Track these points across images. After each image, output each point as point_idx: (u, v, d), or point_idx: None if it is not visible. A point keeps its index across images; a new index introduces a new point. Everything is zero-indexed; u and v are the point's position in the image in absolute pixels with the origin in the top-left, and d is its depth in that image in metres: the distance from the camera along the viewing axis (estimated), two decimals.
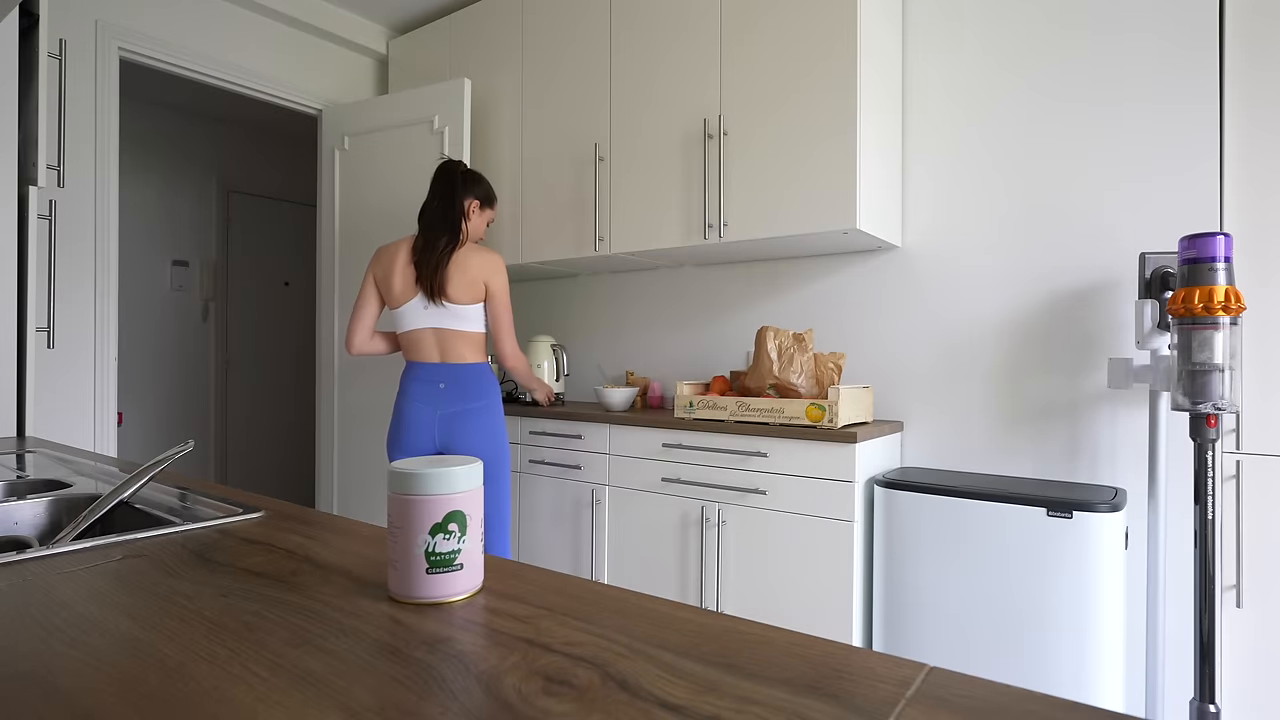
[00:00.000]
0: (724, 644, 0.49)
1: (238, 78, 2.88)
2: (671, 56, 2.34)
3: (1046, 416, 2.02)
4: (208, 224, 4.37)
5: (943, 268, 2.19)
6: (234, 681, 0.44)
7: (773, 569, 1.98)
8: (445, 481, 0.58)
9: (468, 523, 0.59)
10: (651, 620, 0.54)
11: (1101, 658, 1.63)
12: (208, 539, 0.77)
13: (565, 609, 0.56)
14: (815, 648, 0.49)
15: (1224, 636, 1.76)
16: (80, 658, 0.47)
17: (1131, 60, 1.90)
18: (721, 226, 2.21)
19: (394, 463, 0.61)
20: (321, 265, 3.06)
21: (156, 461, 0.94)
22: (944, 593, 1.81)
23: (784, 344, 2.06)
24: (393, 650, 0.48)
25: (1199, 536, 1.51)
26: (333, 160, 3.01)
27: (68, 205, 2.43)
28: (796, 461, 1.95)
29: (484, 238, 2.55)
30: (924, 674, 0.44)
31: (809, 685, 0.43)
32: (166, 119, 4.18)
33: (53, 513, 1.02)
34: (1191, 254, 1.47)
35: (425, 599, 0.58)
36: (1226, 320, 1.44)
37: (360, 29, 3.24)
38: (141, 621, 0.53)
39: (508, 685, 0.43)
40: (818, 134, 2.03)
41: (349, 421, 2.94)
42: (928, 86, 2.22)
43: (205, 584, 0.62)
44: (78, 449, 1.51)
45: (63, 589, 0.60)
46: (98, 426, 2.50)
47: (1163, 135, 1.86)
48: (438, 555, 0.58)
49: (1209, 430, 1.50)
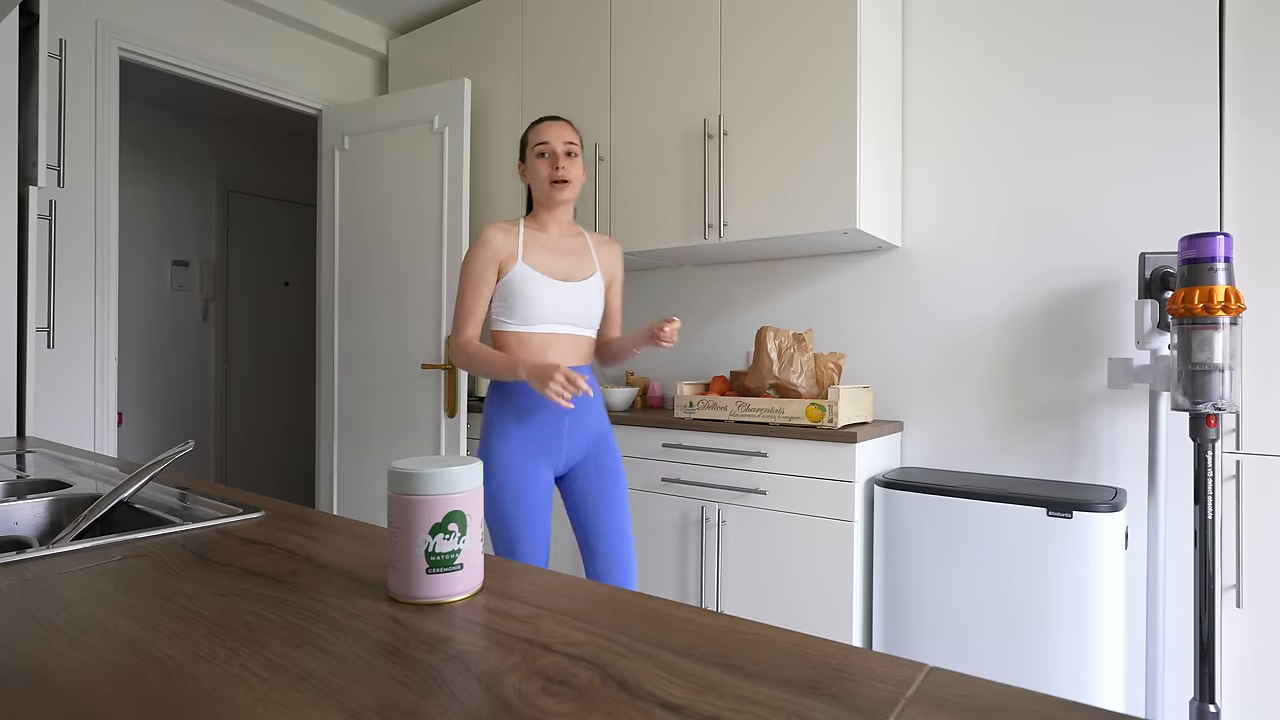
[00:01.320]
0: (724, 644, 0.49)
1: (238, 78, 2.88)
2: (672, 56, 2.34)
3: (1046, 416, 2.02)
4: (208, 224, 4.37)
5: (943, 267, 2.19)
6: (234, 681, 0.44)
7: (773, 569, 1.98)
8: (445, 481, 0.58)
9: (468, 523, 0.59)
10: (651, 620, 0.54)
11: (1101, 658, 1.63)
12: (208, 539, 0.77)
13: (565, 609, 0.56)
14: (815, 648, 0.49)
15: (1224, 636, 1.76)
16: (80, 657, 0.47)
17: (1131, 60, 1.90)
18: (721, 226, 2.21)
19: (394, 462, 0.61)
20: (321, 265, 3.06)
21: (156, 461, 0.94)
22: (944, 593, 1.81)
23: (784, 344, 2.06)
24: (393, 650, 0.48)
25: (1199, 536, 1.51)
26: (333, 160, 3.01)
27: (68, 205, 2.43)
28: (796, 461, 1.95)
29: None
30: (924, 674, 0.44)
31: (809, 685, 0.43)
32: (166, 119, 4.18)
33: (53, 513, 1.01)
34: (1191, 254, 1.47)
35: (425, 599, 0.58)
36: (1226, 320, 1.44)
37: (360, 29, 3.24)
38: (141, 621, 0.53)
39: (508, 685, 0.43)
40: (818, 134, 2.03)
41: (349, 421, 2.94)
42: (927, 87, 2.22)
43: (205, 584, 0.62)
44: (78, 449, 1.51)
45: (63, 589, 0.60)
46: (98, 426, 2.50)
47: (1163, 135, 1.86)
48: (438, 555, 0.58)
49: (1209, 430, 1.50)
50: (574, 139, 1.62)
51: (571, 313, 1.59)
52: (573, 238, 1.67)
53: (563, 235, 1.65)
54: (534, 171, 1.61)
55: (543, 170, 1.60)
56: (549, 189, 1.59)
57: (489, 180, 2.88)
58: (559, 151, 1.59)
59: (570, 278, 1.61)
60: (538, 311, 1.56)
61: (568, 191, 1.59)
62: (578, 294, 1.60)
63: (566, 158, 1.60)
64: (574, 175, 1.60)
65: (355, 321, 2.93)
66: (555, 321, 1.58)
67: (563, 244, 1.64)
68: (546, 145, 1.59)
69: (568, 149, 1.60)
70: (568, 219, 1.67)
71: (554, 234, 1.64)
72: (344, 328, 2.97)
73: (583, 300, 1.60)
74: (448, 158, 2.67)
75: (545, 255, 1.60)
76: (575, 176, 1.61)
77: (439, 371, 2.67)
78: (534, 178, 1.63)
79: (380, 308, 2.85)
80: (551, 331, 1.58)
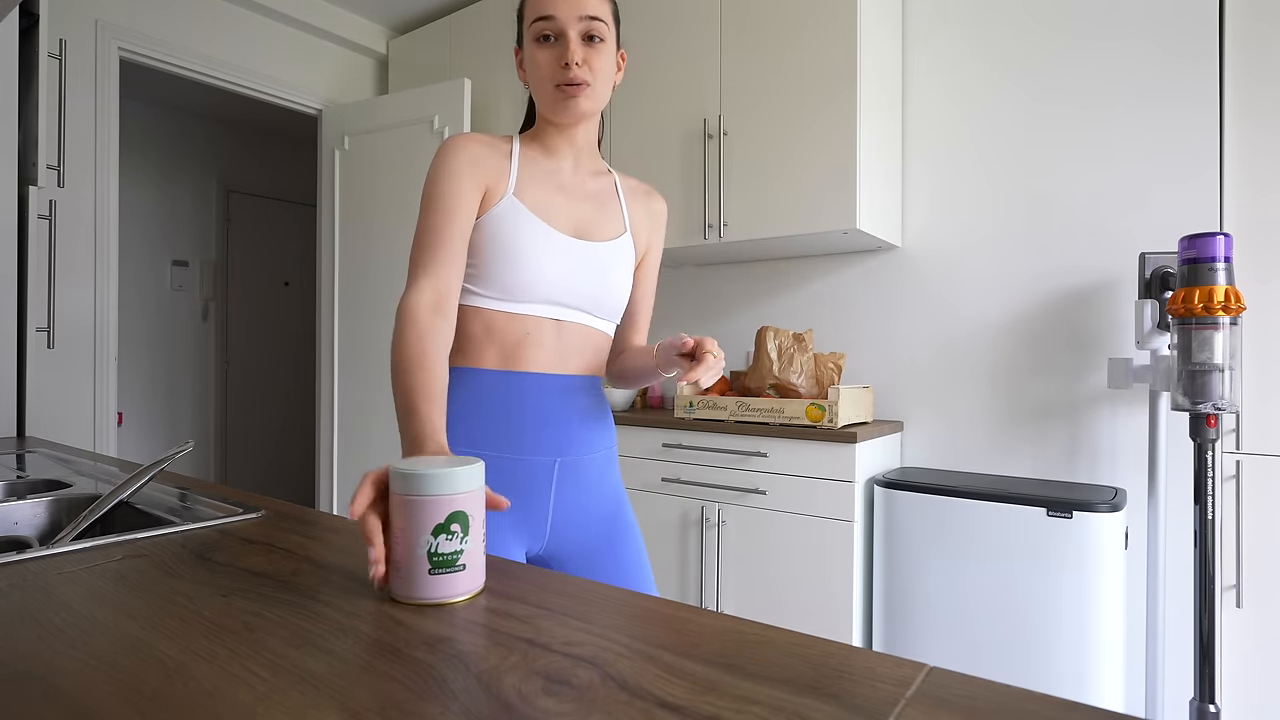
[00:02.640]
0: (724, 644, 0.49)
1: (238, 77, 2.88)
2: (671, 55, 2.34)
3: (1046, 416, 2.02)
4: (208, 224, 4.37)
5: (943, 268, 2.19)
6: (234, 682, 0.44)
7: (773, 569, 1.98)
8: (448, 482, 0.58)
9: (470, 523, 0.59)
10: (651, 620, 0.54)
11: (1101, 658, 1.63)
12: (208, 539, 0.77)
13: (565, 609, 0.56)
14: (815, 648, 0.49)
15: (1224, 636, 1.76)
16: (80, 658, 0.47)
17: (1132, 60, 1.90)
18: (721, 226, 2.21)
19: (396, 463, 0.60)
20: (321, 265, 3.06)
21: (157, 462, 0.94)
22: (944, 593, 1.81)
23: (784, 344, 2.06)
24: (393, 650, 0.48)
25: (1199, 536, 1.51)
26: (333, 160, 3.01)
27: (68, 205, 2.43)
28: (796, 461, 1.95)
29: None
30: (924, 674, 0.44)
31: (809, 685, 0.43)
32: (166, 119, 4.18)
33: (53, 513, 1.01)
34: (1191, 254, 1.47)
35: (429, 600, 0.57)
36: (1226, 320, 1.44)
37: (360, 29, 3.23)
38: (142, 621, 0.53)
39: (508, 685, 0.43)
40: (818, 134, 2.03)
41: (349, 422, 2.94)
42: (928, 87, 2.21)
43: (205, 584, 0.62)
44: (77, 449, 1.51)
45: (63, 589, 0.60)
46: (98, 426, 2.50)
47: (1163, 135, 1.86)
48: (440, 556, 0.57)
49: (1209, 430, 1.50)
50: (599, 10, 0.96)
51: (585, 289, 0.98)
52: (595, 176, 1.06)
53: (579, 169, 1.04)
54: (532, 65, 0.97)
55: (544, 64, 0.96)
56: (552, 95, 0.96)
57: None
58: (572, 35, 0.94)
59: (586, 233, 1.01)
60: (525, 278, 0.94)
61: (585, 98, 0.96)
62: (597, 260, 0.99)
63: (585, 43, 0.95)
64: (595, 73, 0.96)
65: (355, 321, 2.93)
66: (556, 301, 0.97)
67: (578, 183, 1.03)
68: (551, 22, 0.94)
69: (588, 28, 0.94)
70: (588, 145, 1.04)
71: (564, 164, 1.03)
72: (344, 328, 2.97)
73: (603, 271, 1.00)
74: None
75: (548, 192, 0.99)
76: (598, 74, 0.96)
77: None
78: (532, 76, 0.98)
79: (380, 308, 2.85)
80: (549, 316, 0.98)
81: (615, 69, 1.01)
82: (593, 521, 1.02)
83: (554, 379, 0.99)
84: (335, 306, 2.99)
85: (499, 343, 0.97)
